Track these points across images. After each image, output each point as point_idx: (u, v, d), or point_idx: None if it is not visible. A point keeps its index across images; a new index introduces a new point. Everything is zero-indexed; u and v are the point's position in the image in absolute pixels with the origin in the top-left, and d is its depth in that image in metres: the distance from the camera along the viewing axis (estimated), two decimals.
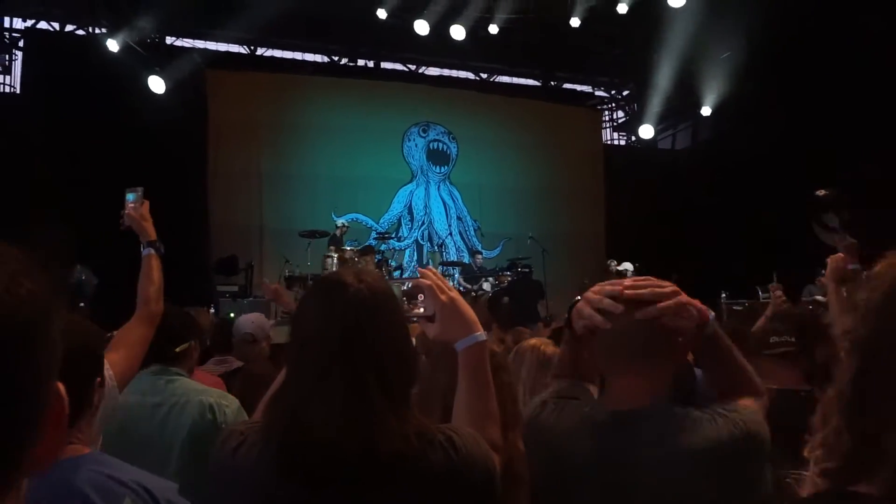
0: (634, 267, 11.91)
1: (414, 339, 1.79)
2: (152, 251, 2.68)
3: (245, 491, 1.44)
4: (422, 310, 1.66)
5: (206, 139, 12.77)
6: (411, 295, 1.67)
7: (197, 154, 12.50)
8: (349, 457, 1.35)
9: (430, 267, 1.74)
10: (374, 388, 1.39)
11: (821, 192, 3.74)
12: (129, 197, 2.82)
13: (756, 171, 13.30)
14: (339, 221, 12.60)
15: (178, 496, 1.57)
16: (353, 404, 1.38)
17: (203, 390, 2.81)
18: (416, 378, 1.55)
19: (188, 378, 2.87)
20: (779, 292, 4.24)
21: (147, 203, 2.82)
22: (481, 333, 1.64)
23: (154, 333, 2.85)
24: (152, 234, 2.72)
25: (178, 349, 2.83)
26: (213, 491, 1.54)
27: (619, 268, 12.01)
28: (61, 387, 0.74)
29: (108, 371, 2.21)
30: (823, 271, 3.38)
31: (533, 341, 2.41)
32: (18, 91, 12.57)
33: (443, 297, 1.62)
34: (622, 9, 12.90)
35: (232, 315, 9.43)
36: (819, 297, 5.31)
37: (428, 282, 1.65)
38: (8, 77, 12.69)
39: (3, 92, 12.61)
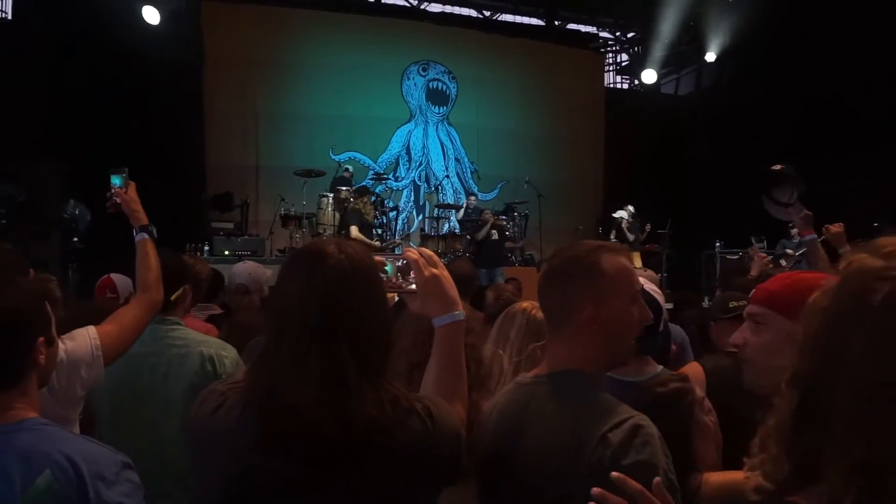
0: (630, 213, 11.92)
1: None
2: (146, 236, 2.56)
3: (221, 455, 1.44)
4: (413, 286, 1.66)
5: (202, 74, 12.59)
6: (406, 270, 1.68)
7: (192, 90, 12.33)
8: (326, 427, 1.36)
9: (422, 248, 1.75)
10: (351, 361, 1.40)
11: (777, 167, 3.76)
12: (115, 181, 2.65)
13: (758, 119, 13.22)
14: (339, 160, 12.60)
15: (123, 470, 1.54)
16: (331, 377, 1.38)
17: (203, 340, 2.79)
18: (392, 348, 1.56)
19: (185, 326, 2.85)
20: (762, 253, 4.26)
21: (134, 185, 2.66)
22: (460, 312, 1.65)
23: None
24: (144, 218, 2.61)
25: (173, 297, 2.78)
26: (191, 448, 1.53)
27: (615, 215, 12.02)
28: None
29: (93, 339, 2.21)
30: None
31: (525, 304, 2.41)
32: (10, 17, 12.33)
33: (426, 273, 1.63)
34: None
35: (226, 252, 9.51)
36: (789, 251, 5.35)
37: (415, 256, 1.66)
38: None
39: None
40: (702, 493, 1.96)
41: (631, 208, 12.02)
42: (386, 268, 1.66)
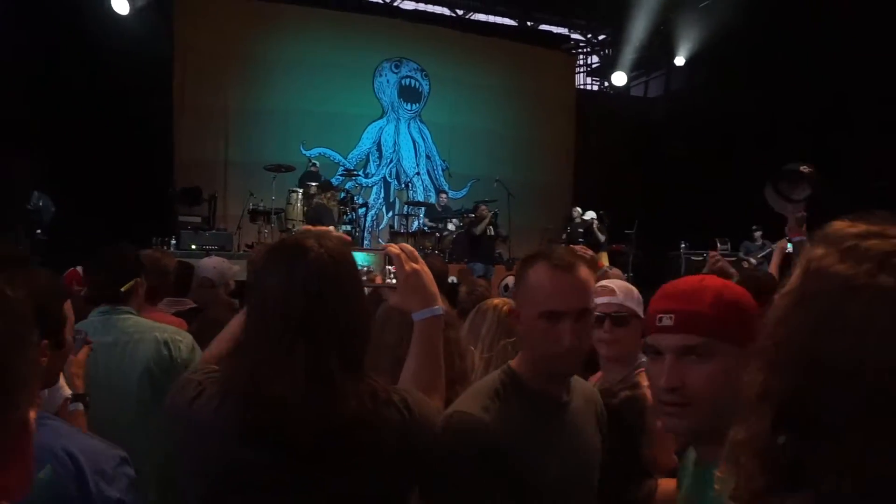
0: (598, 215, 12.00)
1: None
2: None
3: (203, 448, 1.44)
4: (393, 281, 1.69)
5: (172, 67, 12.42)
6: (386, 265, 1.69)
7: (162, 83, 12.17)
8: (312, 419, 1.36)
9: (403, 244, 1.76)
10: (334, 356, 1.40)
11: (804, 168, 3.79)
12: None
13: (725, 124, 13.37)
14: (309, 155, 12.53)
15: (121, 466, 1.53)
16: (316, 370, 1.39)
17: (156, 326, 2.79)
18: (370, 341, 1.56)
19: (138, 315, 2.84)
20: (717, 257, 4.31)
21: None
22: (439, 308, 1.68)
23: (97, 273, 2.88)
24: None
25: (123, 289, 2.79)
26: (171, 439, 1.56)
27: (585, 217, 12.09)
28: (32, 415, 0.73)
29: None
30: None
31: (496, 301, 2.42)
32: None
33: (407, 268, 1.65)
34: None
35: (193, 247, 9.40)
36: (750, 258, 5.41)
37: (396, 251, 1.68)
38: None
39: None
40: (655, 499, 1.99)
41: (593, 214, 12.10)
42: (368, 262, 1.68)
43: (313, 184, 10.45)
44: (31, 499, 1.38)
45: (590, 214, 12.05)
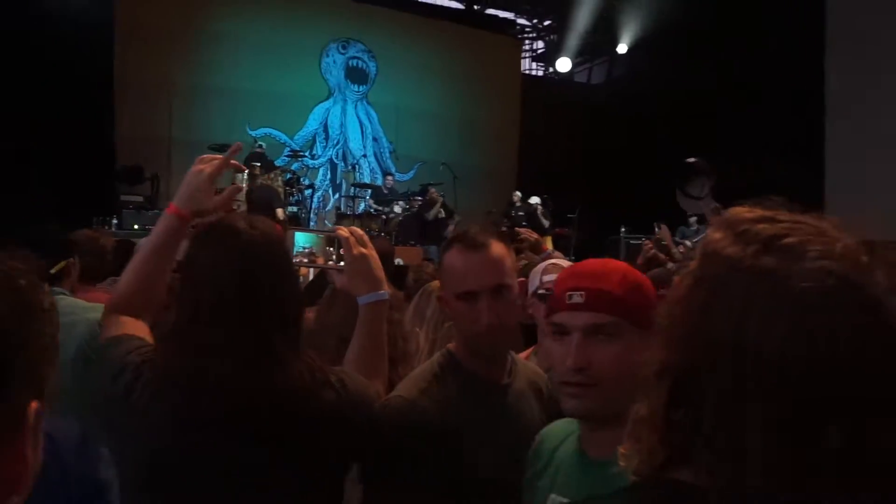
0: (542, 199, 12.13)
1: None
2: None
3: (141, 434, 1.42)
4: (341, 263, 1.70)
5: (114, 41, 12.07)
6: (331, 247, 1.71)
7: (103, 58, 11.80)
8: (254, 399, 1.37)
9: (353, 227, 1.76)
10: (274, 334, 1.42)
11: (690, 160, 3.86)
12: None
13: (665, 111, 13.64)
14: (255, 136, 12.34)
15: (88, 442, 1.46)
16: (257, 350, 1.40)
17: (90, 307, 2.66)
18: (303, 318, 1.57)
19: (71, 296, 2.75)
20: (649, 243, 4.42)
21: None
22: (385, 292, 1.70)
23: (25, 255, 2.79)
24: None
25: (53, 270, 2.72)
26: (107, 428, 1.48)
27: (530, 201, 12.18)
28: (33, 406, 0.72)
29: None
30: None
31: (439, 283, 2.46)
32: None
33: (355, 251, 1.66)
34: None
35: (136, 227, 9.22)
36: (687, 242, 5.52)
37: (345, 234, 1.68)
38: None
39: None
40: None
41: (537, 199, 12.21)
42: (310, 243, 1.69)
43: (258, 164, 10.32)
44: None
45: (534, 199, 12.16)
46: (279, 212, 9.39)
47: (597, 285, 1.29)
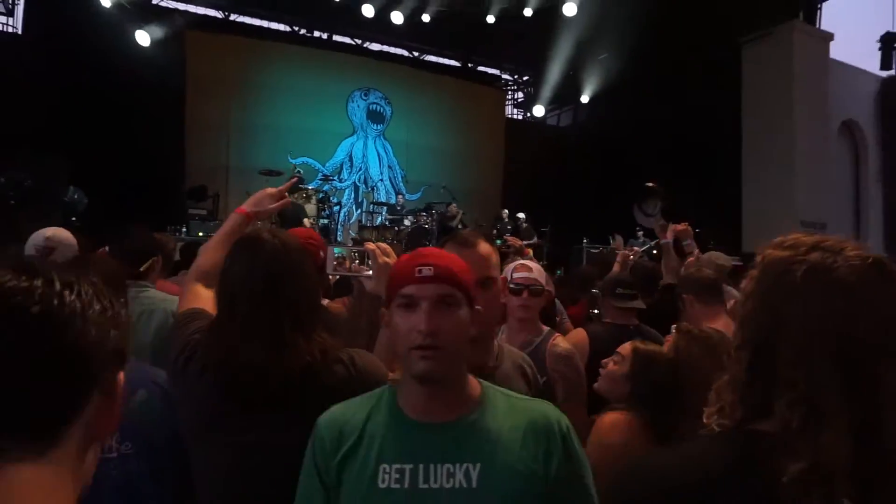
0: (526, 216, 12.10)
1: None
2: None
3: (191, 399, 1.46)
4: (369, 272, 1.68)
5: (185, 88, 12.10)
6: (362, 258, 1.71)
7: (176, 102, 11.84)
8: (269, 376, 1.37)
9: (379, 242, 1.74)
10: (287, 322, 1.41)
11: (649, 184, 3.90)
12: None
13: (619, 147, 13.72)
14: (295, 163, 12.36)
15: (167, 394, 1.55)
16: (273, 338, 1.40)
17: (167, 299, 2.65)
18: (319, 307, 1.56)
19: (154, 289, 2.73)
20: (624, 250, 4.41)
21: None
22: None
23: (120, 253, 2.72)
24: None
25: (142, 268, 2.70)
26: (173, 392, 1.54)
27: (519, 215, 12.07)
28: (121, 375, 0.72)
29: None
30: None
31: None
32: (20, 32, 11.54)
33: (381, 261, 1.64)
34: (528, 12, 13.05)
35: (200, 234, 9.21)
36: (635, 248, 5.56)
37: (372, 247, 1.68)
38: (11, 18, 11.60)
39: (6, 32, 11.54)
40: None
41: (522, 215, 12.20)
42: (341, 253, 1.69)
43: (297, 186, 10.31)
44: (134, 414, 1.43)
45: (521, 215, 12.08)
46: (306, 221, 9.38)
47: (442, 262, 1.21)
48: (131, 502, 1.40)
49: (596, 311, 3.62)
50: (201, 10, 13.53)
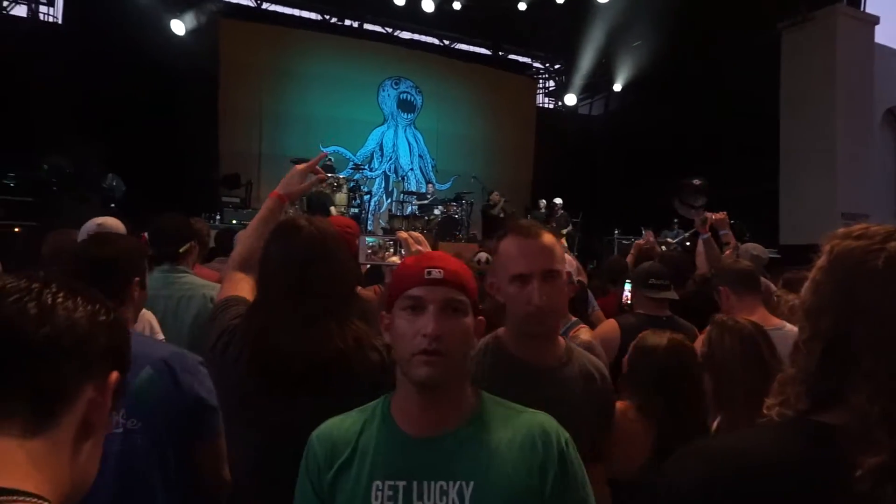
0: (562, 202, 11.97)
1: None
2: None
3: (229, 381, 1.49)
4: (397, 258, 1.70)
5: (218, 77, 12.25)
6: (396, 247, 1.71)
7: (209, 89, 12.00)
8: (297, 360, 1.40)
9: (411, 231, 1.75)
10: (319, 307, 1.43)
11: (696, 182, 3.89)
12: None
13: (651, 137, 13.49)
14: (325, 152, 12.41)
15: (198, 367, 1.56)
16: (306, 323, 1.42)
17: (205, 285, 2.68)
18: (354, 295, 1.57)
19: (192, 274, 2.76)
20: (640, 241, 4.39)
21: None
22: None
23: (159, 237, 2.75)
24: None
25: (181, 250, 2.72)
26: (211, 373, 1.57)
27: (556, 200, 11.93)
28: (114, 376, 0.77)
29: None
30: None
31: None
32: (60, 21, 11.82)
33: (413, 249, 1.65)
34: None
35: (234, 221, 9.34)
36: (669, 239, 5.51)
37: (404, 236, 1.69)
38: (51, 9, 11.88)
39: (48, 22, 11.83)
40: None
41: (559, 200, 12.05)
42: (375, 242, 1.69)
43: (328, 174, 10.39)
44: (139, 392, 1.46)
45: (559, 200, 11.83)
46: (333, 210, 9.43)
47: (451, 266, 1.16)
48: (132, 477, 1.43)
49: (629, 302, 3.58)
50: None
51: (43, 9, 11.76)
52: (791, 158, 11.87)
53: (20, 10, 11.54)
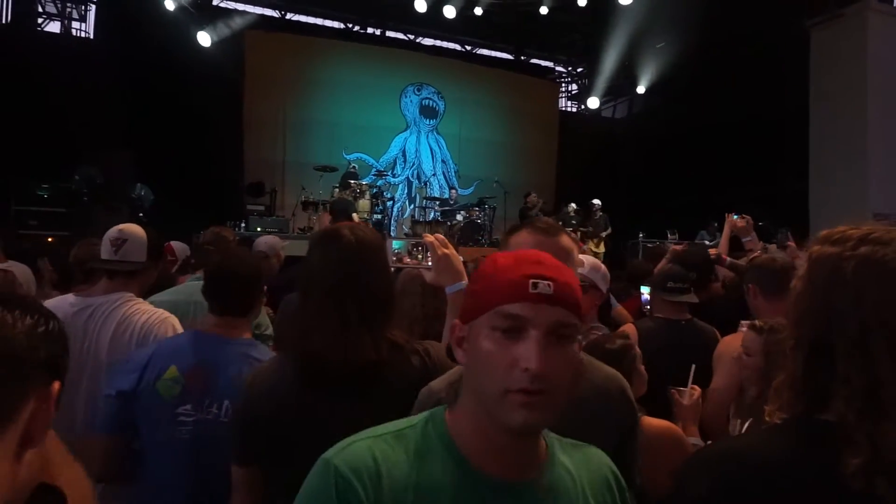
0: (576, 209, 11.85)
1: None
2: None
3: (273, 393, 1.50)
4: (429, 263, 1.69)
5: (243, 86, 12.46)
6: (423, 250, 1.72)
7: (235, 99, 12.22)
8: (334, 365, 1.43)
9: (437, 234, 1.72)
10: (356, 316, 1.46)
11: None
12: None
13: (674, 140, 13.35)
14: (349, 158, 12.53)
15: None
16: (342, 330, 1.44)
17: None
18: (393, 304, 1.59)
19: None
20: (673, 245, 4.38)
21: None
22: (465, 282, 1.61)
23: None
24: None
25: (194, 261, 2.94)
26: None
27: (595, 201, 11.79)
28: (56, 385, 0.75)
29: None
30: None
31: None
32: (92, 37, 12.16)
33: (440, 252, 1.64)
34: (582, 2, 12.70)
35: (259, 229, 9.46)
36: (707, 242, 5.44)
37: (430, 239, 1.68)
38: (83, 24, 12.25)
39: (79, 37, 12.18)
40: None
41: (598, 201, 11.90)
42: (400, 246, 1.71)
43: (352, 181, 10.48)
44: (235, 386, 1.62)
45: (597, 201, 11.56)
46: (355, 216, 9.48)
47: (564, 278, 0.89)
48: (207, 458, 1.72)
49: (648, 307, 3.56)
50: (259, 10, 13.87)
51: (75, 24, 12.13)
52: (821, 158, 11.62)
53: (54, 27, 11.92)
